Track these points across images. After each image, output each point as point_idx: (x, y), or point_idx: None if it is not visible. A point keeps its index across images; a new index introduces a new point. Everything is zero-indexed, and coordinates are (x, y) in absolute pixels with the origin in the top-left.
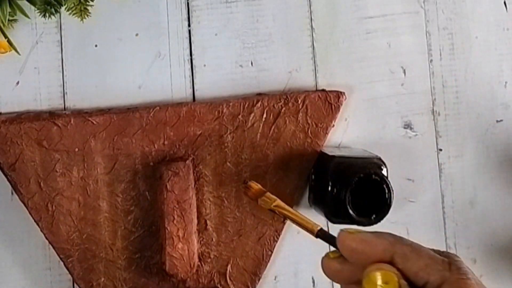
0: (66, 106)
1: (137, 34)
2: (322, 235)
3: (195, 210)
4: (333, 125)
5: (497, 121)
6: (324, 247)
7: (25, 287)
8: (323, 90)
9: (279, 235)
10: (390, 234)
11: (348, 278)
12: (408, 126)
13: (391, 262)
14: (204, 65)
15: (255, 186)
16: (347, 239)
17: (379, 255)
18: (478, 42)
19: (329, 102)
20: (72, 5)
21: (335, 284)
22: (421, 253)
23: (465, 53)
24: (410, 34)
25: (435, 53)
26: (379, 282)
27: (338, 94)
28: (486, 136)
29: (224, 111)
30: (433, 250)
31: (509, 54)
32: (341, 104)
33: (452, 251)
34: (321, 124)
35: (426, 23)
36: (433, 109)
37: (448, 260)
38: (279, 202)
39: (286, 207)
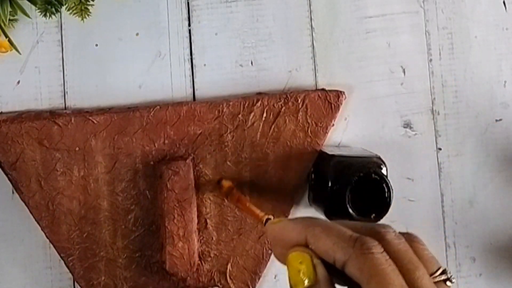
0: (66, 106)
1: (137, 34)
2: None
3: (195, 209)
4: (333, 125)
5: (497, 121)
6: None
7: (26, 286)
8: (323, 89)
9: None
10: (307, 217)
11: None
12: (407, 125)
13: (307, 244)
14: (204, 65)
15: (226, 184)
16: (269, 228)
17: (295, 238)
18: (478, 41)
19: (329, 101)
20: (73, 4)
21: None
22: (330, 232)
23: (464, 52)
24: (409, 34)
25: (435, 52)
26: (295, 263)
27: (338, 94)
28: (486, 135)
29: (224, 110)
30: (364, 225)
31: (508, 53)
32: (341, 104)
33: (452, 250)
34: (321, 123)
35: (426, 23)
36: (432, 109)
37: (355, 237)
38: (240, 198)
39: (243, 203)
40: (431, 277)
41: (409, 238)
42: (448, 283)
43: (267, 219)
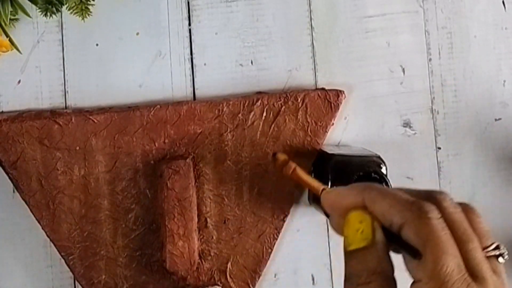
0: (67, 105)
1: (137, 33)
2: None
3: (195, 208)
4: (333, 124)
5: (496, 120)
6: (323, 245)
7: (27, 284)
8: (322, 88)
9: (279, 233)
10: (362, 183)
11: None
12: (407, 124)
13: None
14: (205, 64)
15: (281, 157)
16: (325, 197)
17: (352, 202)
18: (477, 41)
19: (328, 100)
20: (73, 4)
21: (334, 281)
22: (387, 196)
23: (463, 52)
24: (409, 33)
25: (434, 52)
26: (355, 222)
27: (338, 93)
28: (485, 134)
29: (224, 109)
30: (420, 191)
31: (507, 53)
32: (341, 103)
33: None
34: (320, 122)
35: (425, 22)
36: (432, 108)
37: (412, 200)
38: (296, 170)
39: (300, 175)
40: (483, 251)
41: (465, 208)
42: (500, 259)
43: (323, 189)
